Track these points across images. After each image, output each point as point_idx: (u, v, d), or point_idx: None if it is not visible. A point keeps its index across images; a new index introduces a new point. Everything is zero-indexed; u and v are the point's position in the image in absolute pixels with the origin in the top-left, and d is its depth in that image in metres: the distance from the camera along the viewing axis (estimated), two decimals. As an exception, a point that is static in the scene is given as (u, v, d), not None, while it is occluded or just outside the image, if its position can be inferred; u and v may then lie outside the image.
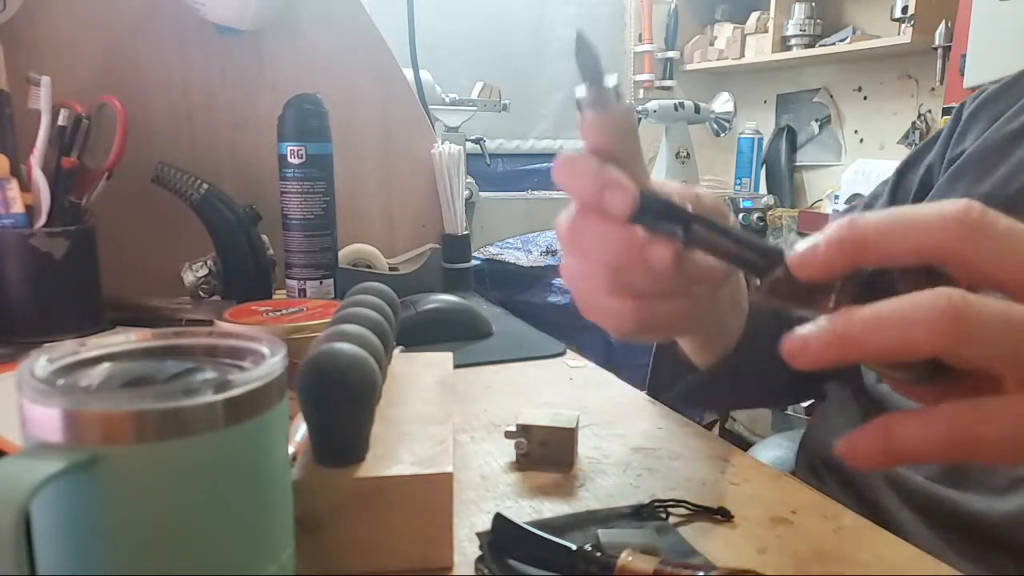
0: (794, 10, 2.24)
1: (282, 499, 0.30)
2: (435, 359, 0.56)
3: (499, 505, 0.44)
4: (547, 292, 1.98)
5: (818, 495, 0.46)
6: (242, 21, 0.92)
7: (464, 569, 0.37)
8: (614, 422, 0.57)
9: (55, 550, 0.25)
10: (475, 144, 1.80)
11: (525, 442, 0.48)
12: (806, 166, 2.52)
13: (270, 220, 0.86)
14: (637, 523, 0.41)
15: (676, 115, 2.11)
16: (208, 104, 0.97)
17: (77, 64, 0.89)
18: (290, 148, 0.80)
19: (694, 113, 2.13)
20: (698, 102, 2.15)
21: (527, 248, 2.21)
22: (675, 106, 2.11)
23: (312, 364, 0.35)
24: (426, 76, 1.38)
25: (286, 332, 0.58)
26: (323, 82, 0.94)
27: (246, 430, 0.27)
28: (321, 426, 0.36)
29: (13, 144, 0.76)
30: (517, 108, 2.00)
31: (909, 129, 2.13)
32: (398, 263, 1.09)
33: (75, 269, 0.76)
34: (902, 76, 2.16)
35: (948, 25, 1.80)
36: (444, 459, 0.37)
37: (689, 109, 2.12)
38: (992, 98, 0.62)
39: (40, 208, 0.74)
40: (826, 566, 0.38)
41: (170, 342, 0.32)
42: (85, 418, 0.25)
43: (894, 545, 0.40)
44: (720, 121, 2.18)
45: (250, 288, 0.85)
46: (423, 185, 1.11)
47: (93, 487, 0.25)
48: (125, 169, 0.80)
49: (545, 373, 0.70)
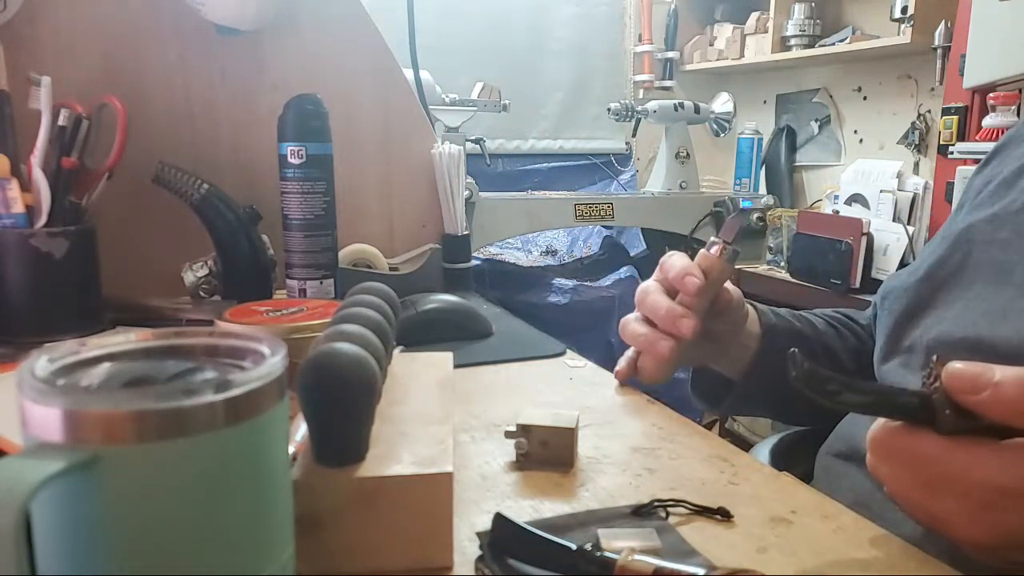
0: (794, 10, 2.23)
1: (282, 499, 0.30)
2: (435, 359, 0.56)
3: (499, 505, 0.44)
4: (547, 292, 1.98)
5: (818, 495, 0.46)
6: (242, 21, 0.92)
7: (464, 569, 0.37)
8: (614, 422, 0.57)
9: (55, 550, 0.25)
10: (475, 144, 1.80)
11: (525, 442, 0.48)
12: (806, 166, 2.51)
13: (270, 220, 0.86)
14: (637, 523, 0.41)
15: (676, 115, 2.11)
16: (208, 104, 0.97)
17: (77, 64, 0.89)
18: (290, 148, 0.80)
19: (694, 113, 2.13)
20: (698, 102, 2.15)
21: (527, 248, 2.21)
22: (675, 106, 2.11)
23: (312, 364, 0.35)
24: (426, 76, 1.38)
25: (286, 332, 0.58)
26: (323, 82, 0.94)
27: (246, 430, 0.27)
28: (321, 426, 0.36)
29: (13, 144, 0.76)
30: (517, 108, 2.00)
31: (909, 129, 2.13)
32: (398, 263, 1.09)
33: (75, 269, 0.76)
34: (902, 76, 2.16)
35: (948, 25, 1.80)
36: (444, 459, 0.37)
37: (689, 109, 2.12)
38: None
39: (40, 208, 0.74)
40: (826, 566, 0.38)
41: (170, 342, 0.32)
42: (85, 418, 0.25)
43: (894, 544, 0.40)
44: (720, 121, 2.18)
45: (250, 288, 0.85)
46: (423, 185, 1.11)
47: (93, 487, 0.25)
48: (125, 169, 0.80)
49: (545, 373, 0.70)
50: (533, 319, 0.92)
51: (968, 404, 0.35)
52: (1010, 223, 0.54)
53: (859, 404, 0.38)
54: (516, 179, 2.39)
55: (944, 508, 0.36)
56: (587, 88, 2.58)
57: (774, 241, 2.07)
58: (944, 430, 0.36)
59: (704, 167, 2.31)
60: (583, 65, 2.57)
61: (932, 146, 2.05)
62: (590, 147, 2.59)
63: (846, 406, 0.38)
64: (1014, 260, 0.52)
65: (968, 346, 0.51)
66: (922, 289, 0.58)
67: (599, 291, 2.01)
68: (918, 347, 0.56)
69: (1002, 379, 0.34)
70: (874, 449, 0.39)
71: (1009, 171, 0.58)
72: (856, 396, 0.37)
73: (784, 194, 2.45)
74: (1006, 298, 0.51)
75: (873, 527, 0.42)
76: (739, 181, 2.52)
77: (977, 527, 0.36)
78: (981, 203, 0.59)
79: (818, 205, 2.33)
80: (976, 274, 0.55)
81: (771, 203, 2.13)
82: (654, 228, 2.11)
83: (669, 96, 2.54)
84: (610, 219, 1.96)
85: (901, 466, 0.38)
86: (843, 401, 0.37)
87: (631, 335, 0.63)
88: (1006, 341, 0.48)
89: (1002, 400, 0.34)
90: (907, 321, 0.59)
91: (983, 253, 0.55)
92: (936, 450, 0.36)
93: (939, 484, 0.36)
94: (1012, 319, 0.49)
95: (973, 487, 0.35)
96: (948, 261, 0.57)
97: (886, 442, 0.38)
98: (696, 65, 2.62)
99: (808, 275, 1.87)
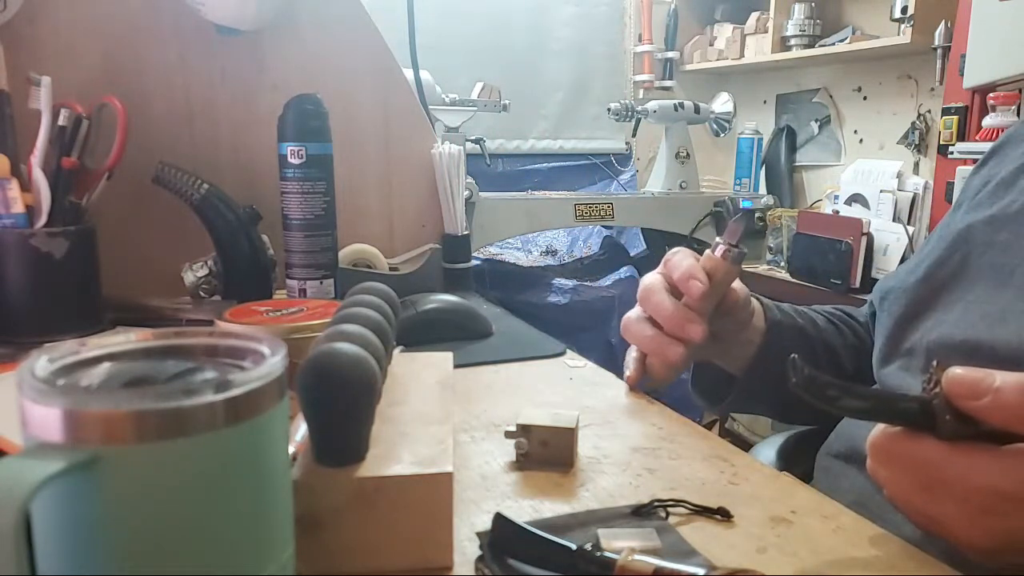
0: (794, 10, 2.23)
1: (282, 499, 0.30)
2: (435, 359, 0.56)
3: (499, 505, 0.44)
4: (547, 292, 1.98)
5: (818, 495, 0.46)
6: (242, 21, 0.92)
7: (464, 569, 0.37)
8: (614, 422, 0.57)
9: (55, 550, 0.25)
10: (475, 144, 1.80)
11: (525, 442, 0.48)
12: (806, 166, 2.51)
13: (270, 220, 0.86)
14: (637, 523, 0.41)
15: (676, 115, 2.11)
16: (208, 104, 0.97)
17: (77, 64, 0.89)
18: (290, 148, 0.80)
19: (694, 113, 2.13)
20: (698, 102, 2.15)
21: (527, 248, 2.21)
22: (675, 106, 2.11)
23: (312, 364, 0.35)
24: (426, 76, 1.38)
25: (286, 332, 0.58)
26: (323, 82, 0.94)
27: (246, 430, 0.27)
28: (321, 426, 0.36)
29: (13, 144, 0.76)
30: (517, 108, 2.00)
31: (909, 129, 2.13)
32: (398, 263, 1.09)
33: (75, 269, 0.76)
34: (902, 76, 2.16)
35: (948, 25, 1.80)
36: (444, 459, 0.37)
37: (689, 109, 2.12)
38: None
39: (40, 208, 0.74)
40: (826, 566, 0.38)
41: (170, 342, 0.32)
42: (85, 418, 0.25)
43: (893, 545, 0.40)
44: (720, 121, 2.18)
45: (250, 288, 0.85)
46: (423, 185, 1.11)
47: (93, 487, 0.25)
48: (125, 169, 0.80)
49: (545, 373, 0.70)
50: (533, 319, 0.92)
51: (968, 409, 0.35)
52: (1009, 225, 0.54)
53: (859, 409, 0.38)
54: (516, 179, 2.39)
55: (944, 512, 0.36)
56: (587, 88, 2.58)
57: (774, 241, 2.07)
58: (944, 435, 0.36)
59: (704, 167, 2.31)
60: (583, 65, 2.57)
61: (932, 146, 2.05)
62: (590, 147, 2.59)
63: (846, 411, 0.38)
64: (1014, 263, 0.52)
65: (968, 349, 0.51)
66: (921, 291, 0.58)
67: (599, 291, 2.01)
68: (918, 350, 0.56)
69: (1002, 385, 0.35)
70: (874, 454, 0.39)
71: (1008, 171, 0.58)
72: (856, 401, 0.37)
73: (784, 194, 2.45)
74: (1006, 301, 0.51)
75: (873, 527, 0.42)
76: (739, 181, 2.52)
77: (977, 532, 0.36)
78: (979, 203, 0.59)
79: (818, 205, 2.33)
80: (976, 276, 0.55)
81: (771, 203, 2.13)
82: (654, 228, 2.11)
83: (669, 96, 2.54)
84: (610, 219, 1.96)
85: (901, 470, 0.38)
86: (843, 406, 0.37)
87: (637, 336, 0.61)
88: (1006, 344, 0.48)
89: (1003, 406, 0.34)
90: (906, 323, 0.59)
91: (982, 256, 0.55)
92: (936, 455, 0.36)
93: (939, 489, 0.36)
94: (1012, 322, 0.49)
95: (973, 492, 0.35)
96: (947, 262, 0.57)
97: (886, 447, 0.38)
98: (696, 65, 2.62)
99: (808, 275, 1.87)
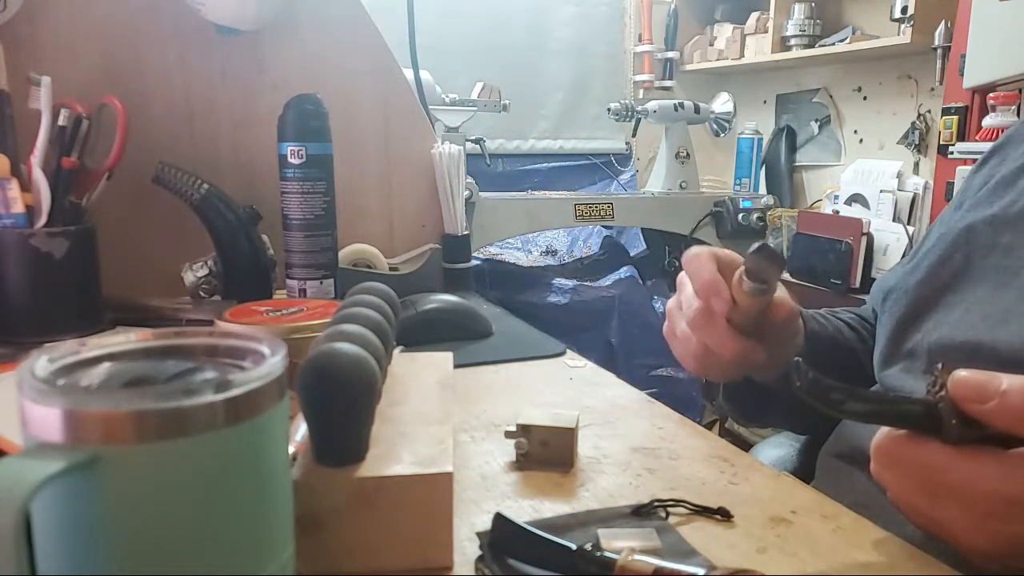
0: (794, 10, 2.23)
1: (282, 499, 0.30)
2: (435, 359, 0.56)
3: (499, 505, 0.44)
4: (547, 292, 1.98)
5: (818, 495, 0.46)
6: (242, 21, 0.92)
7: (464, 569, 0.37)
8: (614, 422, 0.57)
9: (55, 550, 0.25)
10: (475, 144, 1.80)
11: (525, 442, 0.48)
12: (806, 166, 2.51)
13: (270, 220, 0.86)
14: (637, 523, 0.42)
15: (676, 115, 2.11)
16: (208, 104, 0.97)
17: (77, 64, 0.89)
18: (290, 148, 0.80)
19: (694, 113, 2.13)
20: (698, 102, 2.15)
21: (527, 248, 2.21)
22: (675, 106, 2.11)
23: (312, 364, 0.35)
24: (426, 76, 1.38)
25: (286, 332, 0.58)
26: (323, 82, 0.94)
27: (246, 430, 0.27)
28: (321, 426, 0.36)
29: (13, 144, 0.76)
30: (517, 108, 2.00)
31: (909, 129, 2.13)
32: (398, 263, 1.09)
33: (75, 269, 0.76)
34: (902, 76, 2.16)
35: (948, 25, 1.80)
36: (444, 459, 0.37)
37: (689, 109, 2.12)
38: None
39: (40, 208, 0.74)
40: (825, 566, 0.38)
41: (170, 342, 0.32)
42: (85, 418, 0.25)
43: (894, 545, 0.40)
44: (720, 121, 2.18)
45: (250, 288, 0.85)
46: (423, 185, 1.11)
47: (93, 487, 0.25)
48: (125, 169, 0.80)
49: (545, 373, 0.70)
50: (533, 319, 0.92)
51: (974, 413, 0.35)
52: (1012, 227, 0.54)
53: (863, 413, 0.38)
54: (516, 179, 2.39)
55: (947, 516, 0.36)
56: (587, 88, 2.58)
57: (774, 241, 2.07)
58: (950, 439, 0.36)
59: (704, 167, 2.31)
60: (583, 65, 2.57)
61: (932, 146, 2.05)
62: (590, 147, 2.59)
63: (850, 415, 0.38)
64: (1017, 265, 0.52)
65: (969, 350, 0.51)
66: (923, 291, 0.58)
67: (599, 291, 2.01)
68: (919, 351, 0.56)
69: (1009, 388, 0.34)
70: (878, 457, 0.39)
71: (1008, 170, 0.58)
72: (860, 405, 0.37)
73: (784, 194, 2.45)
74: (1008, 302, 0.51)
75: (873, 528, 0.42)
76: (739, 181, 2.52)
77: (981, 536, 0.36)
78: (979, 202, 0.59)
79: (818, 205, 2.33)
80: (978, 278, 0.54)
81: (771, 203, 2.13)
82: (654, 228, 2.11)
83: (669, 96, 2.54)
84: (610, 219, 1.96)
85: (905, 474, 0.38)
86: (847, 410, 0.37)
87: (690, 335, 0.56)
88: (1008, 345, 0.48)
89: (1009, 409, 0.34)
90: (908, 324, 0.58)
91: (985, 257, 0.55)
92: (941, 459, 0.36)
93: (943, 493, 0.36)
94: (1014, 323, 0.49)
95: (977, 496, 0.35)
96: (948, 262, 0.57)
97: (890, 450, 0.38)
98: (696, 65, 2.62)
99: (808, 275, 1.87)
